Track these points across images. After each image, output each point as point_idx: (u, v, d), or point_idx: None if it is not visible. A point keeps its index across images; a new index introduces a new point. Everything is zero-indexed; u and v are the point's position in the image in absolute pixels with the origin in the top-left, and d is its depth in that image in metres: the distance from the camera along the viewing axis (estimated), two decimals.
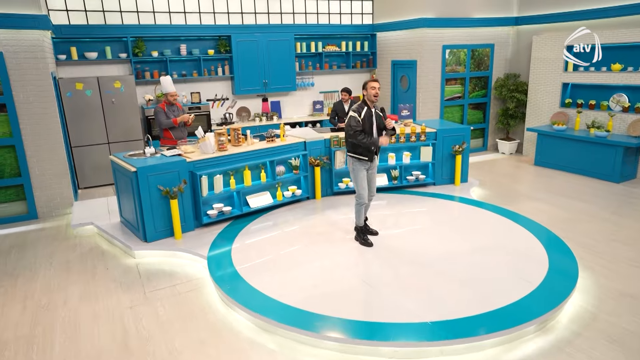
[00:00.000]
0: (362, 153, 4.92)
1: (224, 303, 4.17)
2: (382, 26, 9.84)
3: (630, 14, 7.38)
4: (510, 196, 6.92)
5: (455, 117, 9.71)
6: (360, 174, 4.96)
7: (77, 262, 5.14)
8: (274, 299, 4.01)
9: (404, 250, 4.95)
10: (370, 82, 4.82)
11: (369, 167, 5.02)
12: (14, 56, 6.03)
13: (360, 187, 5.00)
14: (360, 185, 4.99)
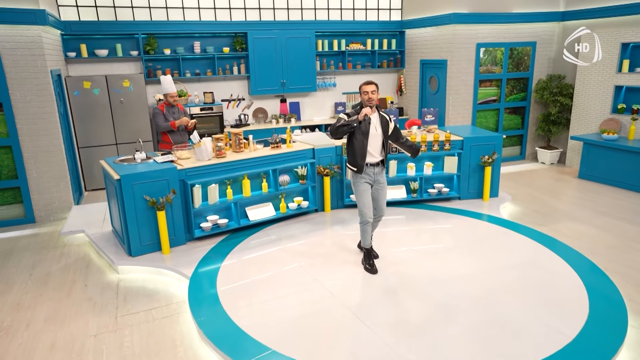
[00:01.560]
0: (352, 162, 4.28)
1: (200, 335, 3.64)
2: (412, 22, 9.09)
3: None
4: (548, 215, 6.06)
5: (489, 123, 8.84)
6: (359, 187, 4.33)
7: (58, 275, 4.76)
8: (249, 336, 3.44)
9: (415, 280, 4.26)
10: (363, 85, 4.20)
11: (373, 182, 4.37)
12: (10, 53, 5.75)
13: (360, 204, 4.35)
14: (360, 201, 4.34)
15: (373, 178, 4.35)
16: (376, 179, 4.37)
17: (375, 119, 4.27)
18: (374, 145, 4.26)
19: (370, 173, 4.31)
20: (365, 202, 4.32)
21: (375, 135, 4.24)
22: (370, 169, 4.30)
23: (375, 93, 4.17)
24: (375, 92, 4.17)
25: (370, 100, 4.17)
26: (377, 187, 4.41)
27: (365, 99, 4.19)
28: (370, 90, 4.15)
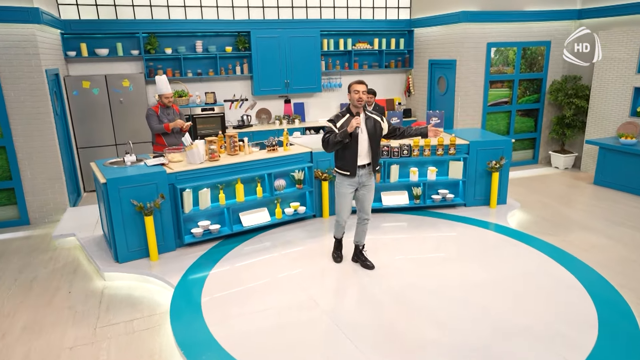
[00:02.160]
0: (343, 166, 4.15)
1: (179, 349, 3.44)
2: (421, 21, 8.80)
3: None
4: (558, 224, 5.73)
5: (500, 125, 8.51)
6: (341, 189, 4.24)
7: (43, 281, 4.62)
8: (227, 353, 3.22)
9: (410, 295, 4.01)
10: (354, 84, 4.01)
11: (359, 185, 4.23)
12: (4, 52, 5.66)
13: (339, 206, 4.33)
14: (339, 203, 4.31)
15: (359, 181, 4.20)
16: (362, 182, 4.22)
17: (362, 121, 4.09)
18: (361, 147, 4.10)
19: (357, 176, 4.17)
20: (344, 205, 4.28)
21: (362, 138, 4.08)
22: (358, 172, 4.16)
23: (366, 94, 4.02)
24: (366, 92, 4.02)
25: (359, 100, 3.99)
26: (363, 190, 4.27)
27: (355, 98, 3.99)
28: (361, 90, 3.98)
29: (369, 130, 4.08)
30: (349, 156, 4.07)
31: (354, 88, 3.99)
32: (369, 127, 4.09)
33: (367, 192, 4.27)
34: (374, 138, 4.10)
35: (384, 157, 5.77)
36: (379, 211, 5.95)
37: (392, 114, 6.49)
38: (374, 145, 4.12)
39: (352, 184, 4.20)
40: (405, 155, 5.76)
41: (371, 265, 4.45)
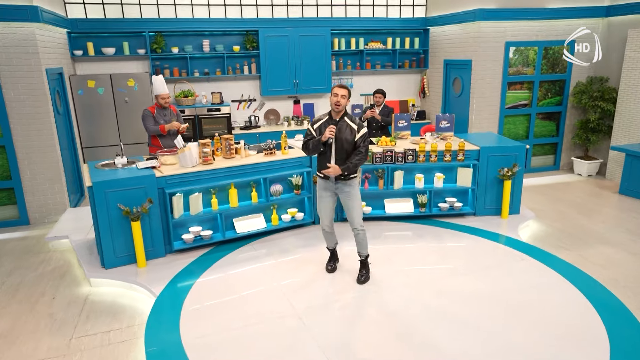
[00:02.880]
0: (319, 169, 4.10)
1: None
2: (436, 20, 8.44)
3: None
4: (576, 237, 5.32)
5: (518, 129, 8.07)
6: (319, 192, 4.19)
7: (29, 285, 4.52)
8: None
9: (404, 314, 3.72)
10: (335, 87, 3.92)
11: (339, 192, 4.09)
12: (3, 51, 5.61)
13: (317, 209, 4.28)
14: (317, 206, 4.26)
15: (335, 186, 4.07)
16: (339, 187, 4.07)
17: (345, 127, 3.96)
18: (334, 153, 3.98)
19: (330, 180, 4.07)
20: (322, 209, 4.18)
21: (335, 144, 3.96)
22: (331, 177, 4.04)
23: (346, 99, 3.89)
24: (346, 97, 3.89)
25: (337, 104, 3.87)
26: (343, 197, 4.10)
27: (333, 101, 3.89)
28: (340, 94, 3.86)
29: (341, 137, 3.93)
30: (323, 160, 4.01)
31: (334, 91, 3.90)
32: (342, 134, 3.94)
33: (348, 199, 4.06)
34: (344, 145, 3.94)
35: (388, 163, 5.47)
36: (382, 219, 5.66)
37: (399, 116, 6.18)
38: (343, 153, 3.96)
39: (328, 188, 4.10)
40: (410, 160, 5.45)
41: (363, 279, 4.18)
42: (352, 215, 4.09)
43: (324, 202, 4.15)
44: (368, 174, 5.57)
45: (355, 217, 4.08)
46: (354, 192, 4.07)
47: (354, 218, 4.09)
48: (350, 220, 4.13)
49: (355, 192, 4.08)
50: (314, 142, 3.95)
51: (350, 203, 4.06)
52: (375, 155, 5.40)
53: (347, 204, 4.08)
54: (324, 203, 4.15)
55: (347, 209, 4.11)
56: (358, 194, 4.11)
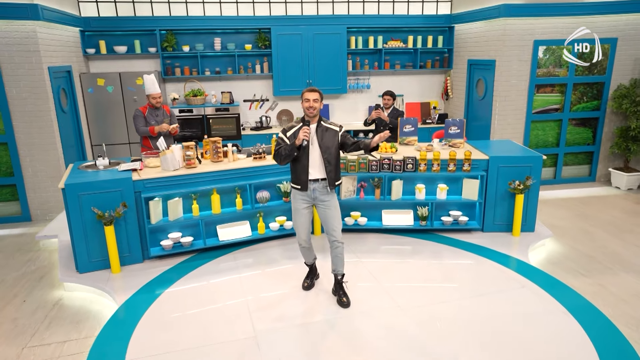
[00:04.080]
0: (294, 180, 3.76)
1: None
2: (462, 17, 7.86)
3: None
4: (598, 261, 4.71)
5: (548, 136, 7.38)
6: (294, 205, 3.82)
7: (7, 286, 4.48)
8: None
9: (376, 347, 3.33)
10: (305, 91, 3.60)
11: (314, 200, 3.76)
12: (5, 49, 5.66)
13: (294, 223, 3.90)
14: (293, 220, 3.89)
15: (312, 196, 3.73)
16: (317, 197, 3.73)
17: (313, 131, 3.66)
18: (313, 160, 3.68)
19: (309, 191, 3.72)
20: (298, 223, 3.82)
21: (313, 150, 3.66)
22: (310, 186, 3.71)
23: (319, 102, 3.59)
24: (318, 101, 3.59)
25: (310, 109, 3.58)
26: (321, 207, 3.77)
27: (305, 107, 3.59)
28: (312, 98, 3.56)
29: (321, 142, 3.63)
30: (299, 169, 3.67)
31: (304, 96, 3.59)
32: (321, 139, 3.64)
33: (327, 208, 3.73)
34: (327, 150, 3.64)
35: (385, 171, 5.05)
36: (379, 231, 5.26)
37: (405, 120, 5.74)
38: (328, 158, 3.65)
39: (305, 199, 3.74)
40: (409, 169, 5.01)
41: (346, 303, 3.80)
42: (333, 225, 3.73)
43: (300, 215, 3.80)
44: (364, 182, 5.18)
45: (336, 227, 3.74)
46: (334, 202, 3.76)
47: (335, 228, 3.74)
48: (329, 231, 3.76)
49: (335, 201, 3.78)
50: (287, 147, 3.60)
51: (330, 212, 3.74)
52: (371, 162, 5.00)
53: (327, 213, 3.74)
54: (301, 216, 3.80)
55: (326, 218, 3.76)
56: (337, 202, 3.81)
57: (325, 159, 3.63)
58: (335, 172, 3.70)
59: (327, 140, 3.63)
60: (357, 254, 4.79)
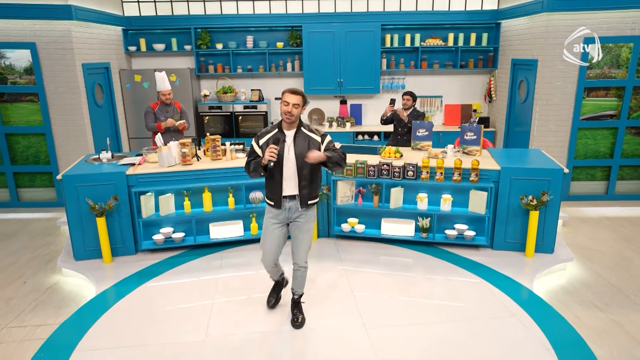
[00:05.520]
0: (267, 195, 3.36)
1: None
2: (508, 12, 7.22)
3: None
4: (623, 293, 4.08)
5: (599, 146, 6.55)
6: (265, 222, 3.41)
7: (18, 267, 4.84)
8: None
9: None
10: (286, 92, 3.15)
11: (288, 220, 3.36)
12: (44, 47, 6.11)
13: (261, 242, 3.45)
14: (262, 239, 3.45)
15: (287, 215, 3.34)
16: (292, 217, 3.35)
17: (290, 140, 3.22)
18: (288, 174, 3.24)
19: (284, 208, 3.32)
20: (266, 242, 3.39)
21: (289, 161, 3.21)
22: (284, 204, 3.30)
23: (299, 108, 3.14)
24: (299, 106, 3.14)
25: (289, 115, 3.13)
26: (294, 228, 3.39)
27: (283, 111, 3.15)
28: (292, 102, 3.10)
29: (298, 153, 3.18)
30: (272, 183, 3.27)
31: (284, 97, 3.14)
32: (299, 149, 3.19)
33: (299, 230, 3.35)
34: (305, 163, 3.18)
35: (384, 178, 4.76)
36: (377, 241, 4.98)
37: (419, 124, 5.38)
38: (304, 171, 3.22)
39: (277, 218, 3.34)
40: (410, 177, 4.67)
41: (299, 323, 3.49)
42: (299, 250, 3.38)
43: (271, 235, 3.36)
44: (363, 188, 4.92)
45: (302, 253, 3.40)
46: (310, 224, 3.38)
47: (301, 253, 3.39)
48: (295, 256, 3.41)
49: (311, 224, 3.40)
50: (255, 163, 3.21)
51: (301, 236, 3.35)
52: (369, 168, 4.73)
53: (299, 236, 3.36)
54: (271, 236, 3.36)
55: (294, 241, 3.39)
56: (313, 224, 3.43)
57: (300, 172, 3.20)
58: (310, 189, 3.27)
59: (305, 150, 3.17)
60: (345, 263, 4.56)
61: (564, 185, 6.61)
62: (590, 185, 6.69)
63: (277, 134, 3.22)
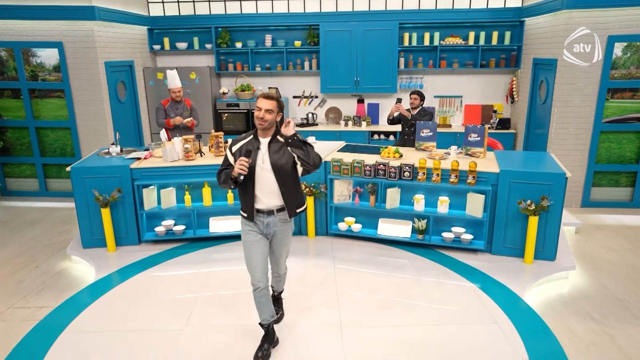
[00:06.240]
0: (241, 207, 3.10)
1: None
2: (532, 9, 6.96)
3: None
4: (627, 309, 3.89)
5: (624, 150, 6.22)
6: (244, 237, 3.10)
7: (34, 252, 5.16)
8: None
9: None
10: (259, 97, 2.93)
11: (267, 234, 3.11)
12: (71, 46, 6.46)
13: (245, 260, 3.11)
14: (245, 256, 3.11)
15: (264, 230, 3.08)
16: (270, 232, 3.09)
17: (265, 148, 2.97)
18: (263, 185, 2.98)
19: (259, 222, 3.06)
20: (252, 258, 3.05)
21: (263, 171, 2.96)
22: (260, 218, 3.05)
23: (273, 114, 2.90)
24: (273, 112, 2.90)
25: (261, 121, 2.90)
26: (275, 240, 3.16)
27: (255, 116, 2.91)
28: (264, 108, 2.87)
29: (274, 162, 2.94)
30: (244, 195, 3.03)
31: (257, 103, 2.92)
32: (275, 159, 2.95)
33: (281, 242, 3.17)
34: (281, 172, 2.94)
35: (380, 178, 4.73)
36: (374, 241, 4.96)
37: (423, 125, 5.31)
38: (284, 179, 2.97)
39: (255, 231, 3.07)
40: (406, 177, 4.62)
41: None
42: (280, 262, 3.30)
43: (252, 249, 3.05)
44: (359, 187, 4.91)
45: (283, 264, 3.34)
46: (290, 237, 3.21)
47: (281, 264, 3.33)
48: (274, 266, 3.33)
49: (290, 235, 3.21)
50: (225, 174, 2.98)
51: (282, 249, 3.21)
52: (366, 167, 4.72)
53: (281, 250, 3.21)
54: (253, 251, 3.05)
55: (274, 252, 3.21)
56: (292, 233, 3.26)
57: (280, 182, 2.96)
58: (296, 195, 3.08)
59: (281, 158, 2.95)
60: (337, 261, 4.58)
61: (584, 191, 6.32)
62: (613, 192, 6.35)
63: (251, 141, 3.00)
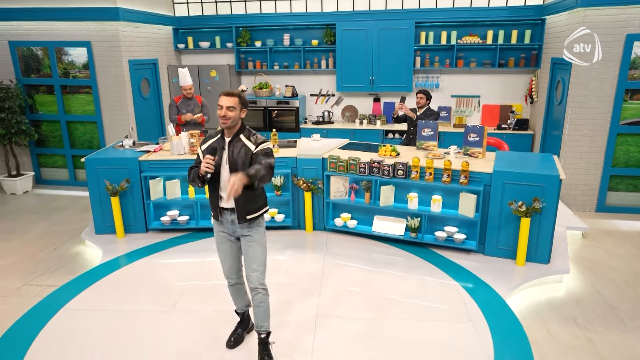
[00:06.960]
0: (210, 205, 3.08)
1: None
2: (552, 7, 6.78)
3: None
4: (617, 315, 3.80)
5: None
6: (215, 238, 3.12)
7: (56, 236, 5.57)
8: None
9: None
10: (220, 95, 2.85)
11: (234, 234, 3.03)
12: (98, 45, 6.89)
13: (219, 259, 3.19)
14: (218, 254, 3.16)
15: (231, 228, 3.00)
16: (236, 231, 3.00)
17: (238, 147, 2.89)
18: (224, 184, 2.90)
19: (225, 222, 3.01)
20: (220, 257, 3.13)
21: (225, 170, 2.89)
22: (226, 216, 2.99)
23: (236, 111, 2.81)
24: (236, 109, 2.81)
25: (223, 119, 2.81)
26: (244, 241, 3.02)
27: (218, 115, 2.83)
28: (226, 105, 2.78)
29: (232, 161, 2.86)
30: (211, 193, 3.00)
31: (219, 101, 2.84)
32: (233, 157, 2.86)
33: (248, 245, 2.98)
34: (235, 172, 2.76)
35: (375, 175, 4.80)
36: (369, 237, 5.03)
37: (424, 124, 5.32)
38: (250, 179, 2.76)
39: (223, 231, 3.04)
40: (399, 176, 4.66)
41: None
42: (252, 267, 2.98)
43: (222, 251, 3.10)
44: (355, 184, 4.99)
45: (256, 269, 2.98)
46: (258, 236, 2.99)
47: (254, 270, 2.98)
48: (247, 274, 3.04)
49: (260, 237, 3.01)
50: (194, 172, 2.95)
51: (251, 250, 2.97)
52: (360, 165, 4.80)
53: (247, 251, 2.99)
54: (223, 252, 3.10)
55: (245, 256, 3.03)
56: (263, 238, 3.05)
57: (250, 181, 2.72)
58: (249, 199, 2.89)
59: (238, 159, 2.85)
60: (329, 256, 4.69)
61: (600, 196, 6.12)
62: (630, 197, 6.11)
63: (218, 140, 2.94)
